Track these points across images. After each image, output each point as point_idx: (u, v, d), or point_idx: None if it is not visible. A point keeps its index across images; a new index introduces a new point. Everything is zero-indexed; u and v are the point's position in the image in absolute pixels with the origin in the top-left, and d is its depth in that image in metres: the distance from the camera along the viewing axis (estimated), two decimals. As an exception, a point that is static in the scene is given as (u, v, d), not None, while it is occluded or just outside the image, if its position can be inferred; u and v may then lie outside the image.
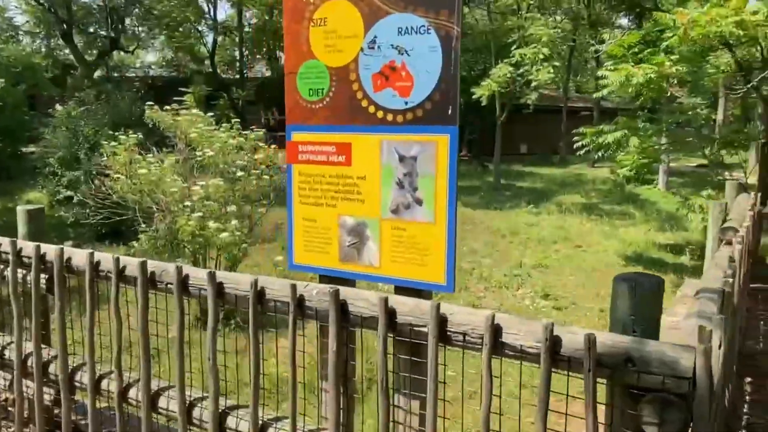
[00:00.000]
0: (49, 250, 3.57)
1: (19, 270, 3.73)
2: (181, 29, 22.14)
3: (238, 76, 20.44)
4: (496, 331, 2.41)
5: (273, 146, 9.96)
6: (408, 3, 2.59)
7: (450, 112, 2.56)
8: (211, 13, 22.74)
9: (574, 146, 12.32)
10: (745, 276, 4.10)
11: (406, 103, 2.64)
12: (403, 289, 2.81)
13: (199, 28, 22.70)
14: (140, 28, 27.48)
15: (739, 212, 5.60)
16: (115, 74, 25.30)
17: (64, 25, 24.53)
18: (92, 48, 28.35)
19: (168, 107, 9.79)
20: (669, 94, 11.13)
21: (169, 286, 3.20)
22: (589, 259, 13.06)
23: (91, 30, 27.06)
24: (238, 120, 10.03)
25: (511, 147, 26.44)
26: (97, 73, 26.16)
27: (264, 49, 18.94)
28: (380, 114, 2.71)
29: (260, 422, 2.92)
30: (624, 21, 25.09)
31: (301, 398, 2.89)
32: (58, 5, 23.76)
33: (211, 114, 10.67)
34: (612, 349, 2.25)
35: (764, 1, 9.63)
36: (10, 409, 4.14)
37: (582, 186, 22.08)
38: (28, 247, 3.67)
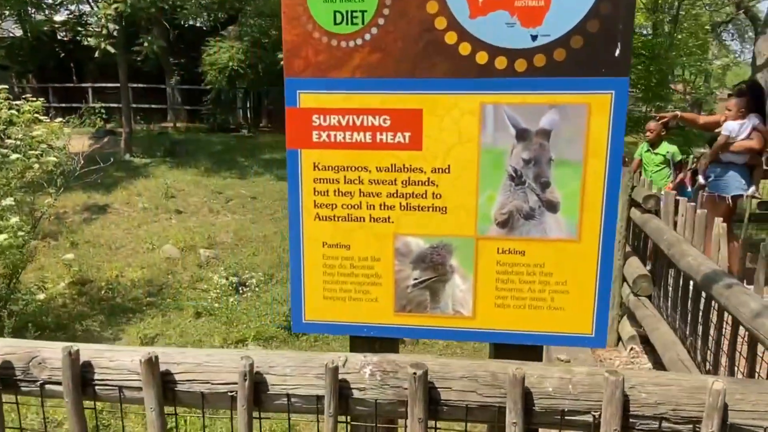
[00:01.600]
0: None
1: None
2: None
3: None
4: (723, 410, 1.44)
5: (60, 120, 7.66)
6: None
7: (618, 52, 1.46)
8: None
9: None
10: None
11: (534, 37, 1.47)
12: (508, 348, 1.67)
13: None
14: None
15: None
16: None
17: None
18: None
19: None
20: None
21: (50, 387, 1.63)
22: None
23: None
24: (6, 87, 7.47)
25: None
26: None
27: (11, 1, 14.83)
28: (482, 57, 1.49)
29: None
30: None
31: None
32: None
33: (-40, 81, 7.91)
34: None
35: None
36: None
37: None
38: None
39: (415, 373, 1.47)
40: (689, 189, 6.51)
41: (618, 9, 1.43)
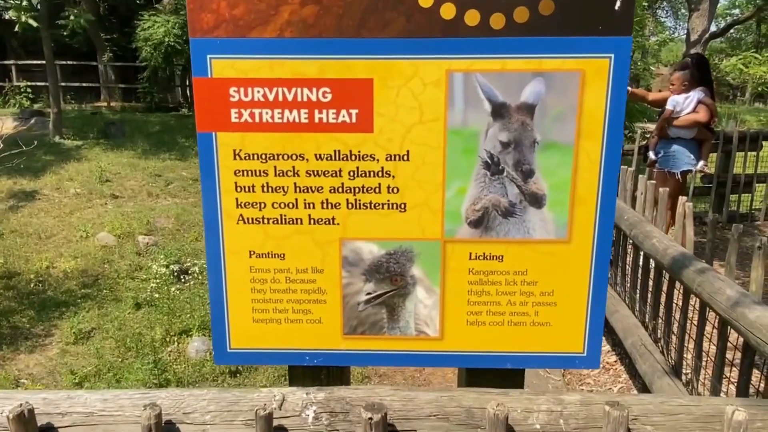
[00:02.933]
0: None
1: None
2: None
3: None
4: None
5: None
6: None
7: (619, 4, 1.13)
8: None
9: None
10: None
11: (515, -15, 1.12)
12: (483, 373, 1.35)
13: None
14: None
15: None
16: None
17: None
18: None
19: None
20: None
21: None
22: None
23: None
24: None
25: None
26: None
27: None
28: (448, 10, 1.14)
29: None
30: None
31: None
32: None
33: None
34: None
35: None
36: None
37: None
38: None
39: (371, 419, 1.13)
40: None
41: (620, -51, 1.10)
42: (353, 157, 1.21)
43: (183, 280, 7.30)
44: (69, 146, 12.61)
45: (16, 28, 11.07)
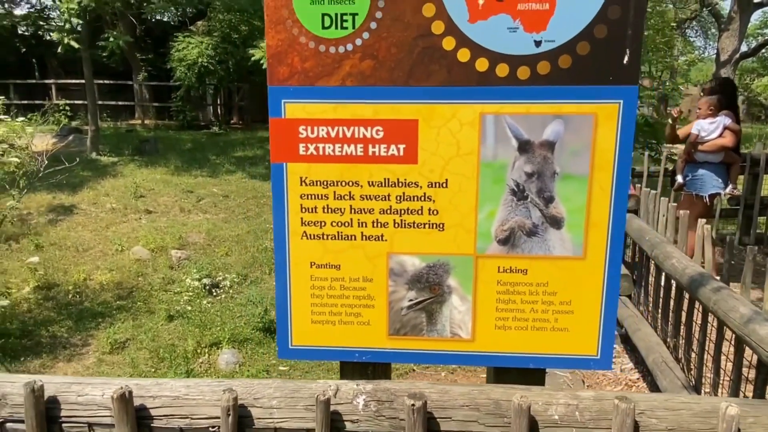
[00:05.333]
0: None
1: None
2: None
3: None
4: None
5: (22, 120, 7.34)
6: None
7: (627, 59, 1.36)
8: None
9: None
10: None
11: (538, 43, 1.36)
12: (509, 372, 1.57)
13: None
14: None
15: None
16: None
17: None
18: None
19: None
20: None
21: (12, 425, 1.47)
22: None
23: None
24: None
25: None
26: None
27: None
28: (482, 64, 1.38)
29: None
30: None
31: None
32: None
33: None
34: None
35: None
36: None
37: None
38: None
39: (413, 405, 1.36)
40: None
41: (627, 13, 1.33)
42: (400, 185, 1.45)
43: (214, 294, 7.59)
44: (105, 162, 13.14)
45: (59, 49, 11.65)
